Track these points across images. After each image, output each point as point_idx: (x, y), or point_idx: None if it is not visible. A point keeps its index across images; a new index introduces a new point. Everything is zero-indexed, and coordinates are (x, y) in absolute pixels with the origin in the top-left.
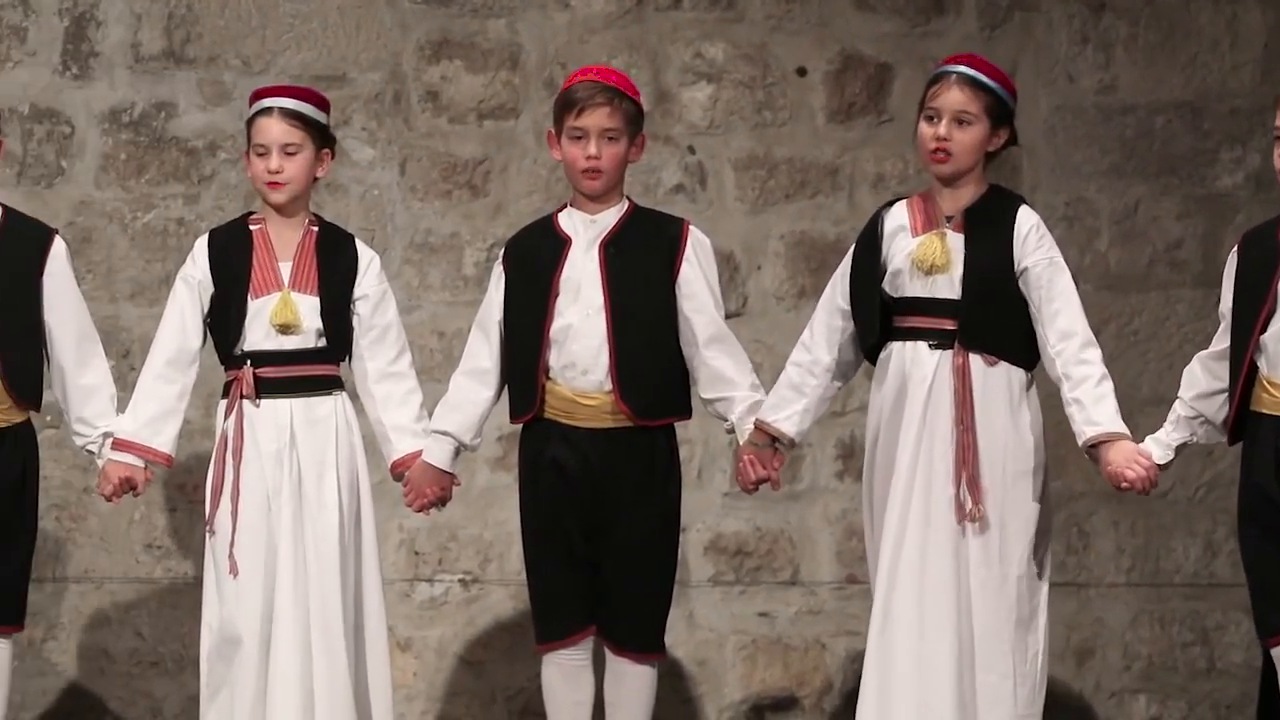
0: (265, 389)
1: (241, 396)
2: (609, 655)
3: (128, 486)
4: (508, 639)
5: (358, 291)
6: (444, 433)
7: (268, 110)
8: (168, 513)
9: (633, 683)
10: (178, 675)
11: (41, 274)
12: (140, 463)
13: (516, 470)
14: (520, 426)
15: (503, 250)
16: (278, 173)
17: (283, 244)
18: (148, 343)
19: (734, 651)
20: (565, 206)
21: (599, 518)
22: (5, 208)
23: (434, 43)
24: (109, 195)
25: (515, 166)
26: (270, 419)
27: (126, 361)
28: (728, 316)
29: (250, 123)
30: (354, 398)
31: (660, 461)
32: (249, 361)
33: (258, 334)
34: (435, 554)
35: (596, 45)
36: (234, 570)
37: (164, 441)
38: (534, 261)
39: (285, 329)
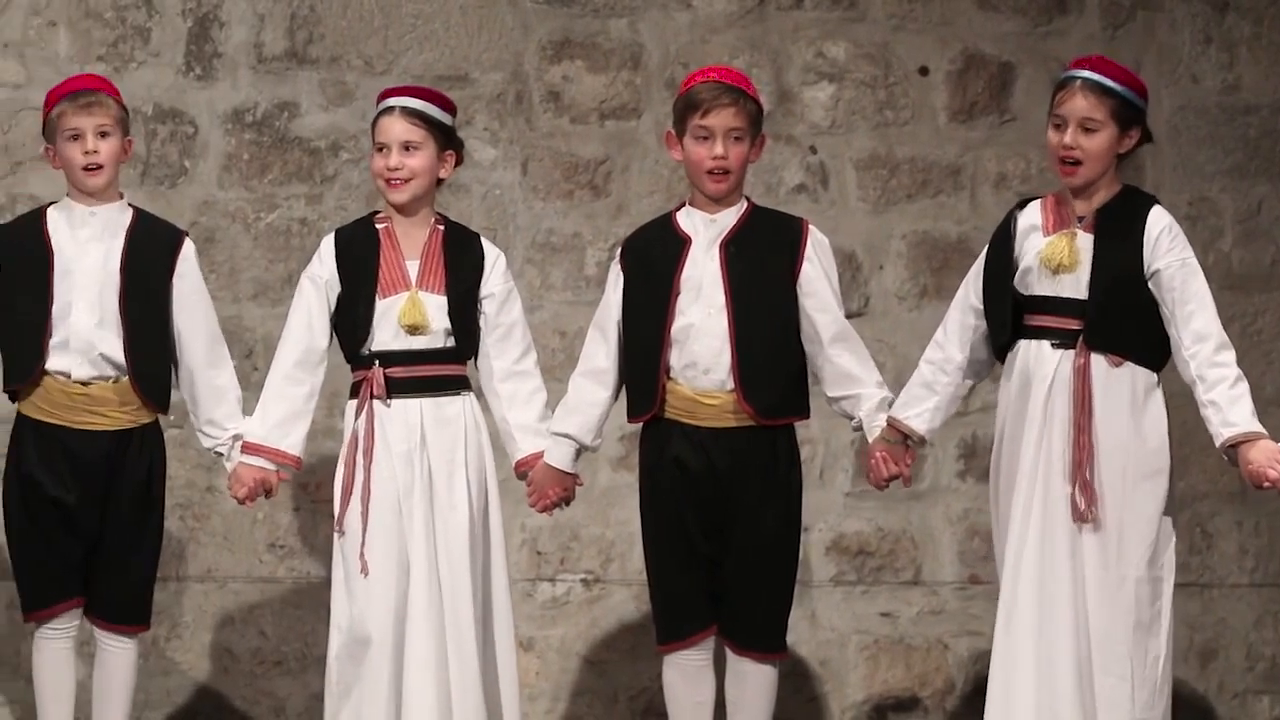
0: (395, 389)
1: (372, 397)
2: (730, 655)
3: (262, 489)
4: (630, 639)
5: (484, 290)
6: (564, 435)
7: (389, 109)
8: (291, 512)
9: (754, 682)
10: (300, 675)
11: (171, 275)
12: (272, 466)
13: (638, 470)
14: (641, 426)
15: (619, 250)
16: (396, 170)
17: (410, 243)
18: (270, 343)
19: (856, 651)
20: (683, 206)
21: (720, 517)
22: (135, 209)
23: (556, 43)
24: (232, 195)
25: (637, 166)
26: (401, 419)
27: (249, 362)
28: (849, 316)
29: (374, 123)
30: (479, 396)
31: (782, 461)
32: (377, 361)
33: (386, 334)
34: (557, 554)
35: (718, 45)
36: (365, 570)
37: (293, 444)
38: (654, 261)
39: (414, 329)
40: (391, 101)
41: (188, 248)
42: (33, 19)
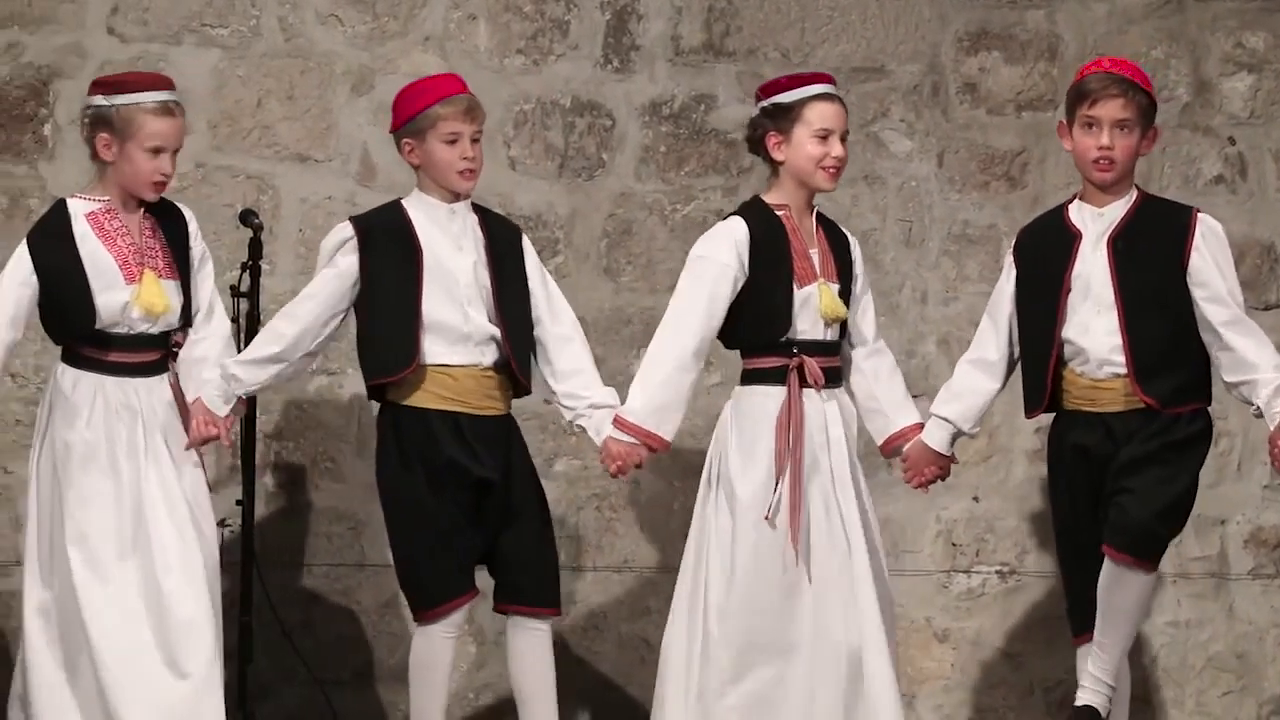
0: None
1: (803, 385)
2: None
3: (632, 465)
4: (1046, 631)
5: (861, 279)
6: (944, 419)
7: (826, 96)
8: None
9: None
10: None
11: (524, 263)
12: (641, 446)
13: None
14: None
15: (1014, 241)
16: (841, 159)
17: (805, 233)
18: None
19: (1275, 645)
20: (1075, 198)
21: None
22: (475, 206)
23: (972, 34)
24: (649, 187)
25: (1054, 158)
26: (817, 408)
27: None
28: (1268, 308)
29: (805, 104)
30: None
31: (1179, 444)
32: (796, 349)
33: (806, 323)
34: (973, 546)
35: (1135, 35)
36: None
37: (668, 431)
38: (1045, 257)
39: (833, 320)
40: (821, 88)
41: (526, 240)
42: (453, 12)
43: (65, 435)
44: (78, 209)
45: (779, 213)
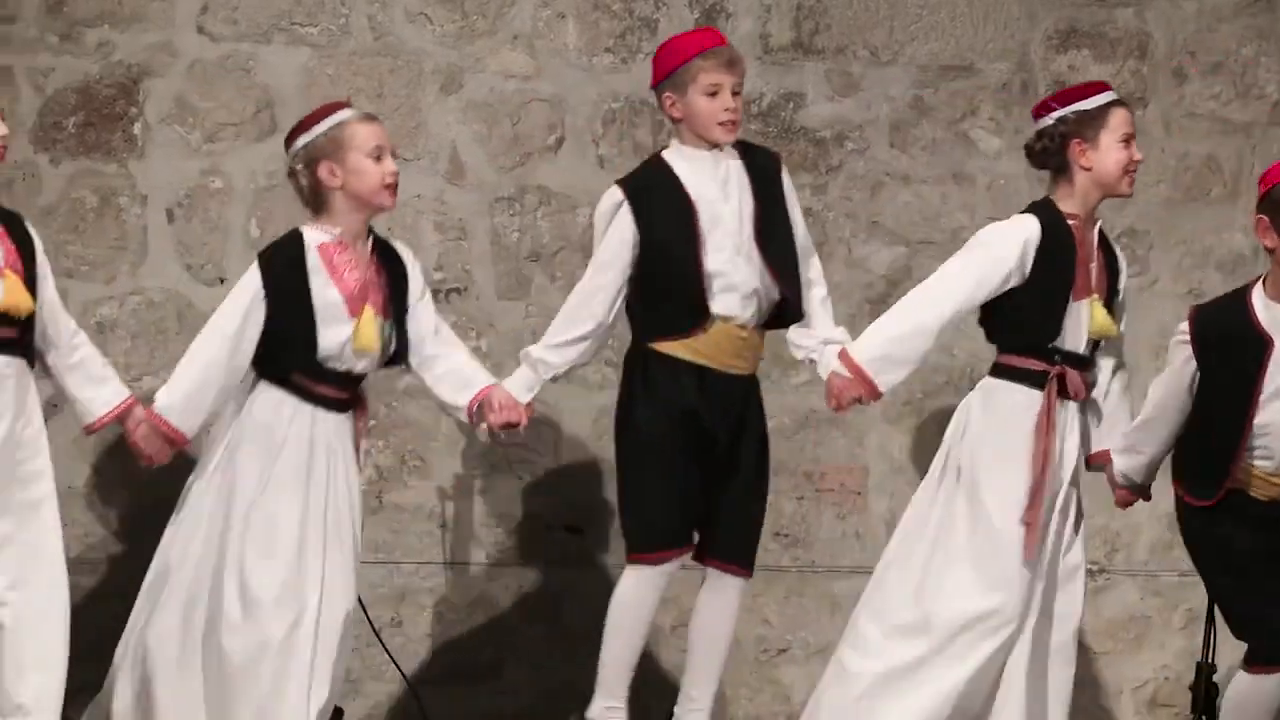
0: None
1: (1069, 397)
2: None
3: (849, 399)
4: (1135, 630)
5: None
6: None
7: (1122, 101)
8: (795, 501)
9: None
10: (804, 664)
11: (784, 196)
12: (859, 384)
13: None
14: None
15: (1189, 328)
16: (1138, 163)
17: (1088, 245)
18: None
19: None
20: (1259, 284)
21: None
22: (737, 142)
23: (1062, 32)
24: None
25: (1143, 156)
26: (1061, 417)
27: None
28: None
29: (1108, 111)
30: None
31: None
32: (1058, 358)
33: (1071, 335)
34: None
35: (1225, 33)
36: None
37: (885, 382)
38: (1231, 357)
39: (1104, 337)
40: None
41: (783, 168)
42: (542, 11)
43: (255, 455)
44: (312, 240)
45: (1070, 221)
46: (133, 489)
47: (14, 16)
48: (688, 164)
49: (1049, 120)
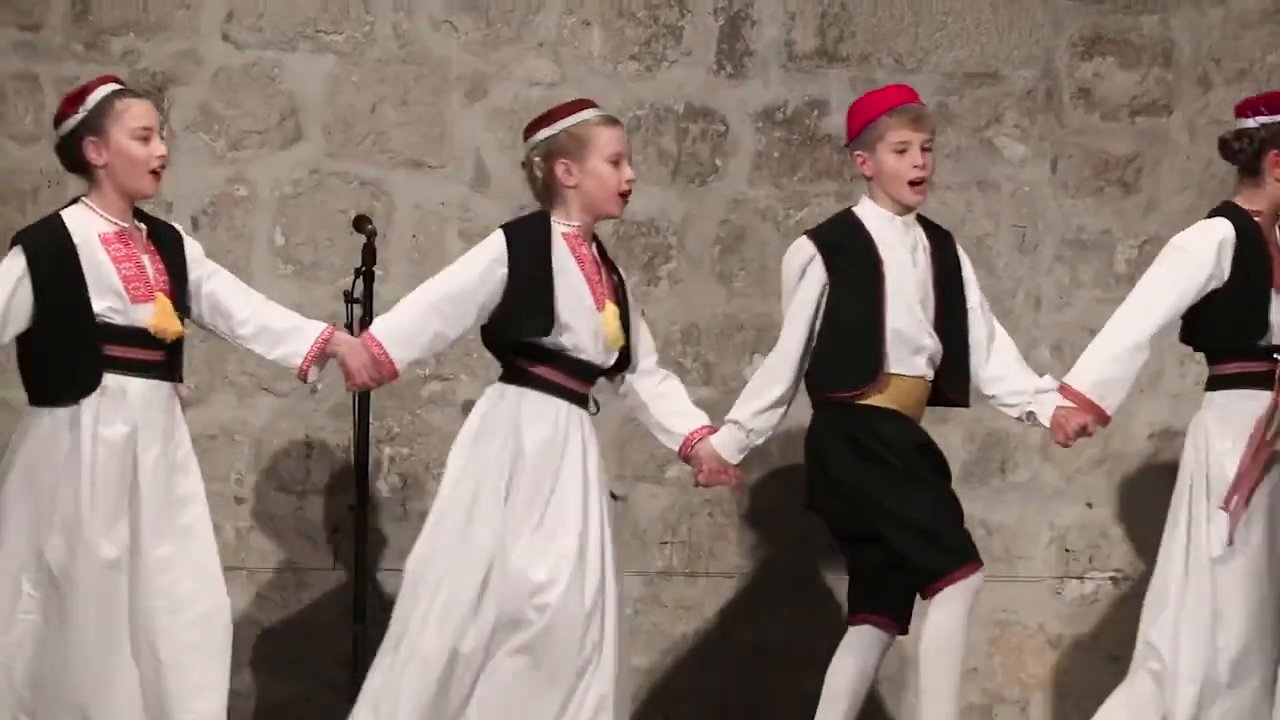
0: None
1: None
2: None
3: (1075, 428)
4: None
5: None
6: None
7: None
8: None
9: None
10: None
11: (963, 279)
12: (1085, 413)
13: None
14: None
15: None
16: None
17: (1274, 240)
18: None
19: None
20: None
21: None
22: (917, 216)
23: (1087, 39)
24: (762, 193)
25: (1168, 163)
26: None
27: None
28: None
29: None
30: None
31: None
32: (1276, 354)
33: (1278, 329)
34: (1086, 552)
35: (1251, 41)
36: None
37: (1111, 404)
38: None
39: None
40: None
41: (957, 244)
42: (567, 18)
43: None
44: (558, 228)
45: (1255, 219)
46: None
47: (40, 25)
48: (878, 224)
49: (1250, 123)
